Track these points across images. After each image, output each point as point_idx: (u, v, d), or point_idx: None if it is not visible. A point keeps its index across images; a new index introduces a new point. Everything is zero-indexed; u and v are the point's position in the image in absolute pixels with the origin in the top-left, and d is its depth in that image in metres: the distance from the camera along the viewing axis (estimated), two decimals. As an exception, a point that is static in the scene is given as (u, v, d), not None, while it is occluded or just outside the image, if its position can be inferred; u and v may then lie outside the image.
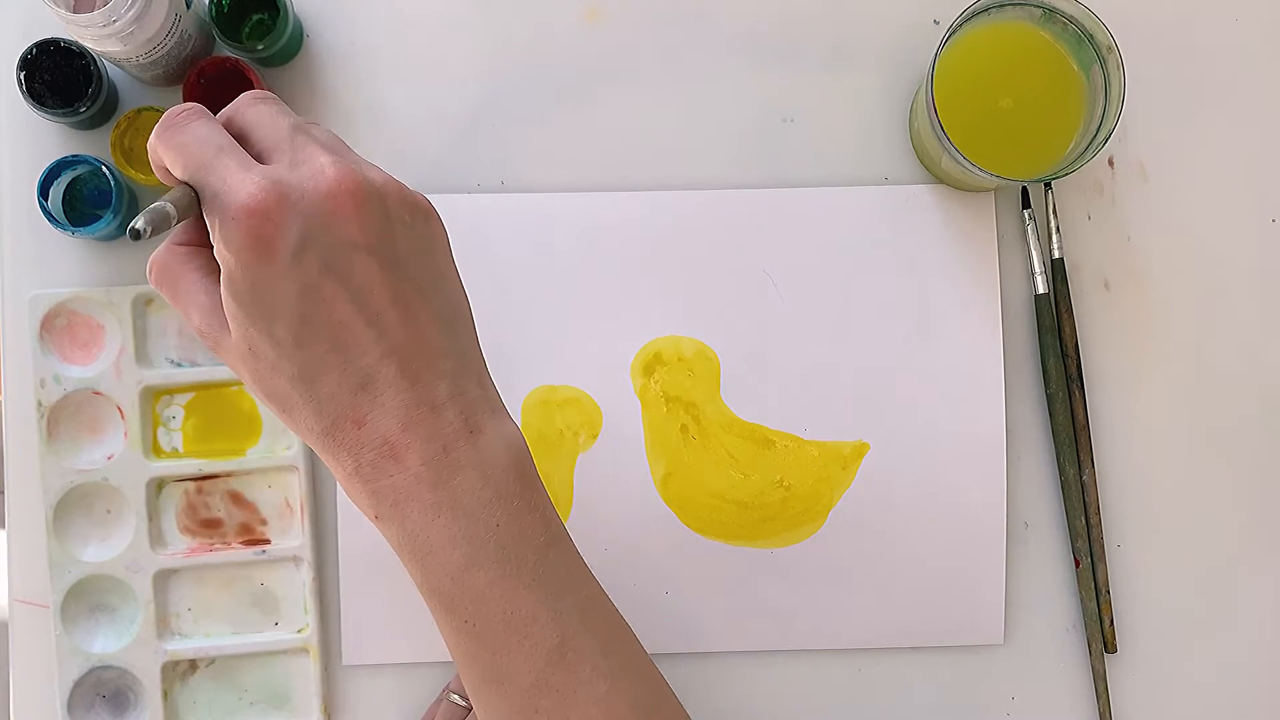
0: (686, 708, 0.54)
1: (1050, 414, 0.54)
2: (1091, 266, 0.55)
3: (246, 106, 0.37)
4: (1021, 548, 0.54)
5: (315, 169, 0.34)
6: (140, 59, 0.48)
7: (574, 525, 0.54)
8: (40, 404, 0.52)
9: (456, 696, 0.49)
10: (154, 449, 0.53)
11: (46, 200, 0.50)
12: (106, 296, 0.53)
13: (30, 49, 0.50)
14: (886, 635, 0.54)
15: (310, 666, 0.53)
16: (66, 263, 0.54)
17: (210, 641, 0.53)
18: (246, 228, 0.33)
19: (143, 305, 0.53)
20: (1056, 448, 0.54)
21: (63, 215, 0.51)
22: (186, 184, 0.36)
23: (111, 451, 0.53)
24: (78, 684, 0.52)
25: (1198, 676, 0.55)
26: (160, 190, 0.53)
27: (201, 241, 0.38)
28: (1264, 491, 0.55)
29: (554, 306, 0.54)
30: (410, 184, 0.54)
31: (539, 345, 0.54)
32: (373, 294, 0.35)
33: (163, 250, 0.38)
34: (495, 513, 0.36)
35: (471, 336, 0.39)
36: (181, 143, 0.35)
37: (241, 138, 0.37)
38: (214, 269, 0.37)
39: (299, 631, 0.53)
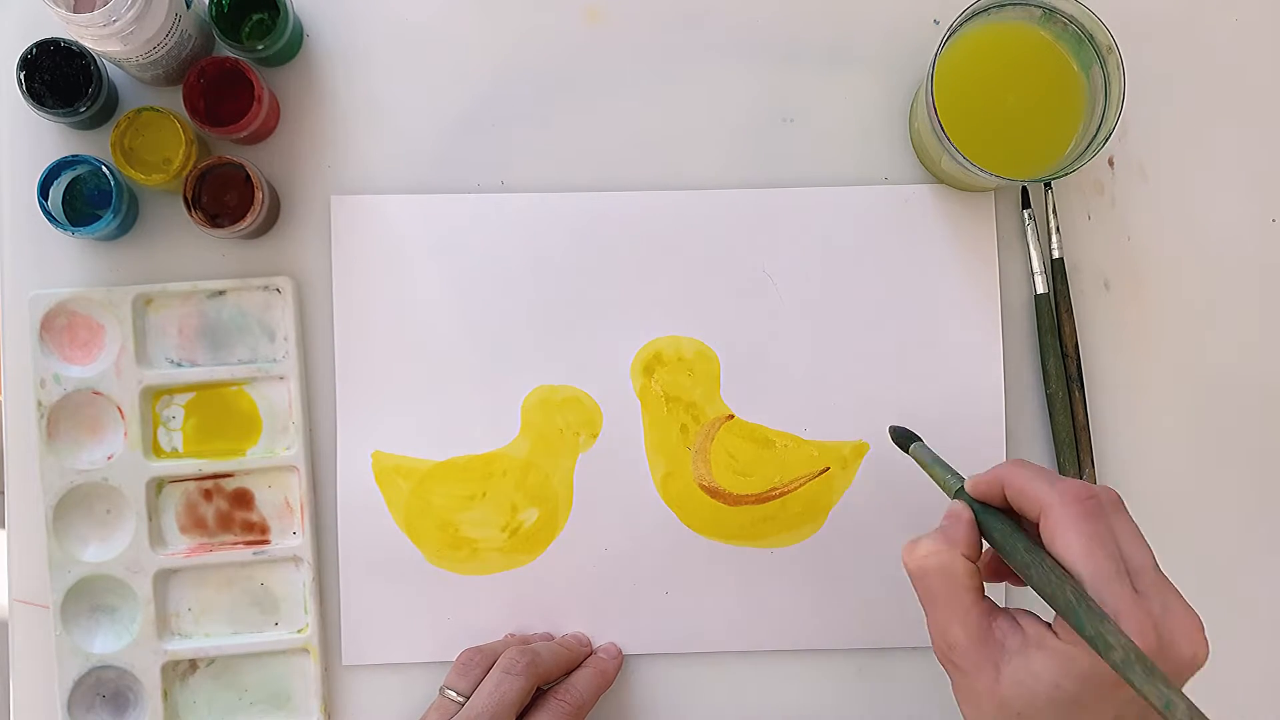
0: (687, 708, 0.54)
1: (1050, 414, 0.54)
2: (1091, 266, 0.55)
3: (1119, 519, 0.39)
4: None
5: (1186, 629, 0.37)
6: (140, 59, 0.48)
7: (574, 525, 0.54)
8: (40, 404, 0.52)
9: (451, 692, 0.49)
10: (154, 449, 0.53)
11: (46, 200, 0.50)
12: (106, 296, 0.53)
13: (30, 49, 0.50)
14: (886, 635, 0.54)
15: (310, 666, 0.53)
16: (66, 263, 0.54)
17: (210, 641, 0.53)
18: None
19: (143, 305, 0.53)
20: (1056, 448, 0.54)
21: (63, 215, 0.51)
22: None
23: (111, 451, 0.53)
24: (78, 684, 0.52)
25: (1197, 676, 0.55)
26: (159, 189, 0.53)
27: (981, 570, 0.40)
28: (1264, 491, 0.55)
29: (554, 306, 0.54)
30: (410, 184, 0.54)
31: (539, 345, 0.54)
32: None
33: (948, 554, 0.40)
34: None
35: None
36: (1089, 532, 0.38)
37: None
38: (984, 597, 0.40)
39: (299, 631, 0.53)
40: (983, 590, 0.40)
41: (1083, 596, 0.36)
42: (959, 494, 0.43)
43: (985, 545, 0.42)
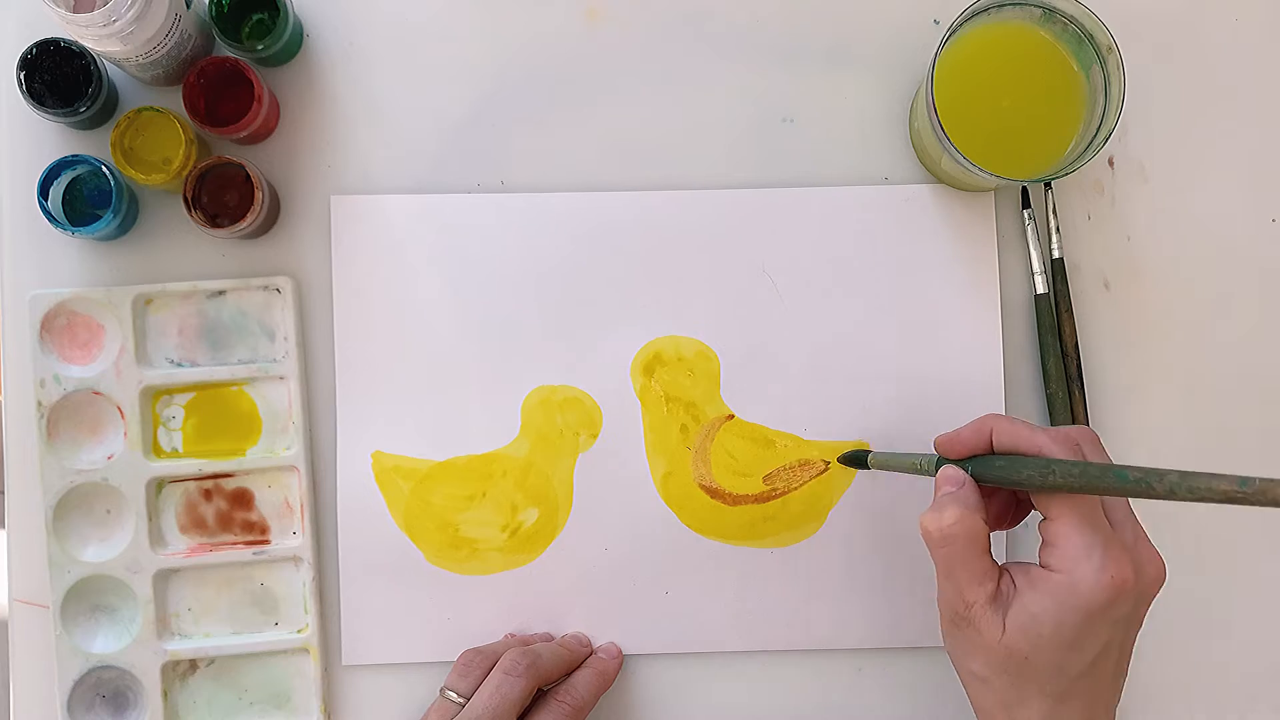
0: (687, 708, 0.54)
1: (1050, 414, 0.54)
2: (1091, 266, 0.55)
3: (1098, 459, 0.43)
4: (1022, 547, 0.54)
5: (1151, 556, 0.42)
6: (140, 59, 0.48)
7: (574, 525, 0.54)
8: (40, 404, 0.52)
9: (452, 693, 0.49)
10: (154, 449, 0.53)
11: (46, 200, 0.50)
12: (106, 296, 0.53)
13: (30, 49, 0.50)
14: (886, 635, 0.54)
15: (310, 666, 0.53)
16: (66, 263, 0.54)
17: (210, 641, 0.53)
18: (1121, 583, 0.40)
19: (143, 305, 0.53)
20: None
21: (63, 215, 0.51)
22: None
23: (111, 451, 0.53)
24: (78, 684, 0.52)
25: (1198, 676, 0.55)
26: (159, 189, 0.53)
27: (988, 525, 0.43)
28: (1264, 491, 0.55)
29: (554, 306, 0.54)
30: (410, 184, 0.54)
31: (539, 345, 0.54)
32: (1124, 657, 0.43)
33: (972, 520, 0.42)
34: None
35: None
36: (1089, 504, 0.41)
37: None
38: (992, 557, 0.43)
39: (299, 631, 0.53)
40: (991, 549, 0.43)
41: (1110, 464, 0.40)
42: (941, 462, 0.45)
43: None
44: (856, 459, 0.52)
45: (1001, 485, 0.43)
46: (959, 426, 0.45)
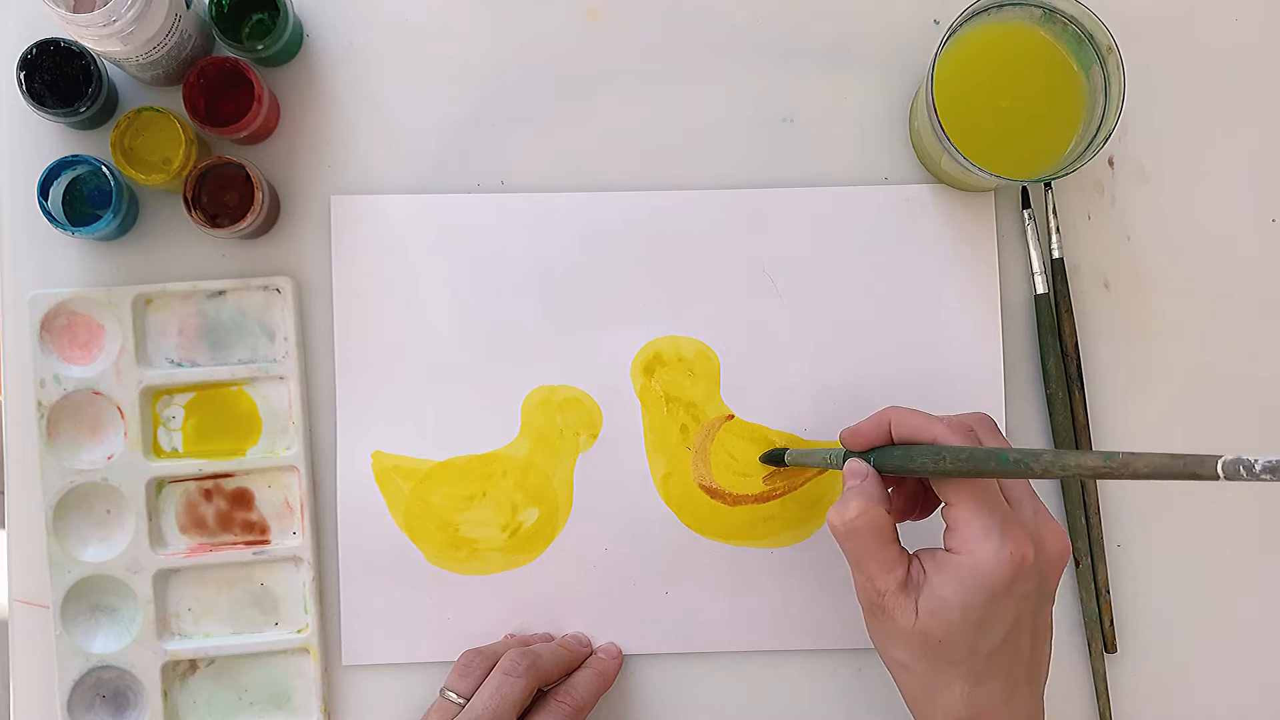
0: (687, 708, 0.54)
1: (1050, 414, 0.54)
2: (1091, 266, 0.55)
3: (993, 441, 0.44)
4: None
5: (1053, 531, 0.43)
6: (140, 59, 0.48)
7: (574, 525, 0.54)
8: (40, 404, 0.52)
9: (451, 693, 0.49)
10: (154, 449, 0.53)
11: (46, 200, 0.50)
12: (106, 296, 0.53)
13: (30, 49, 0.50)
14: (886, 635, 0.54)
15: (310, 666, 0.53)
16: (66, 263, 0.54)
17: (210, 641, 0.53)
18: (1021, 560, 0.41)
19: (143, 305, 0.53)
20: (1056, 448, 0.54)
21: (63, 215, 0.51)
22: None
23: (111, 451, 0.53)
24: (78, 684, 0.52)
25: (1198, 676, 0.55)
26: (159, 189, 0.53)
27: (892, 514, 0.44)
28: (1263, 492, 0.55)
29: (554, 306, 0.54)
30: (410, 184, 0.54)
31: (539, 345, 0.54)
32: (1039, 633, 0.44)
33: (875, 511, 0.43)
34: None
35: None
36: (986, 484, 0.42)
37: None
38: (900, 544, 0.44)
39: (299, 631, 0.53)
40: (899, 538, 0.44)
41: (994, 448, 0.41)
42: (848, 456, 0.46)
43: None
44: (774, 458, 0.53)
45: (901, 474, 0.44)
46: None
